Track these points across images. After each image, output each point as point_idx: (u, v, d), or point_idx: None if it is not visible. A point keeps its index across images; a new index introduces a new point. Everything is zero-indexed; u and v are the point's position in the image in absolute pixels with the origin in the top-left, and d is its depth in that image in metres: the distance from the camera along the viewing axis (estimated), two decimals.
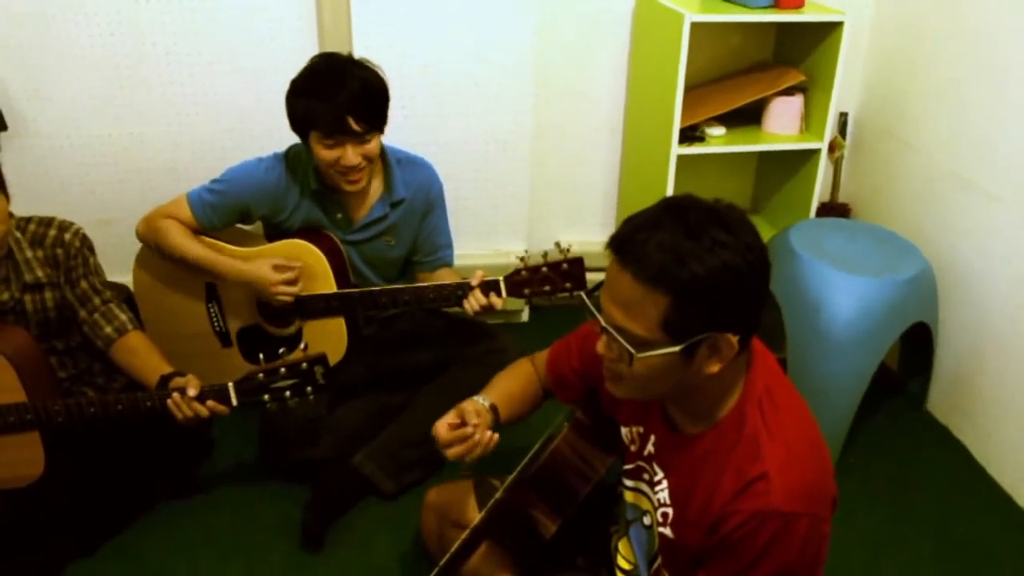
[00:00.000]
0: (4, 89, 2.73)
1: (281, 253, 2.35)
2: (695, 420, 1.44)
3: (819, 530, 1.34)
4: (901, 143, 2.90)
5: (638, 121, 3.06)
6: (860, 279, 2.42)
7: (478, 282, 2.26)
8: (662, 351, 1.27)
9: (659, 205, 1.30)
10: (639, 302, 1.25)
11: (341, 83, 2.14)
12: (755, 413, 1.37)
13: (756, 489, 1.31)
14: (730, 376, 1.38)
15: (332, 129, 2.17)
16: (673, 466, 1.50)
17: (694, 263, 1.21)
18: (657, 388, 1.37)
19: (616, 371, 1.37)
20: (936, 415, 2.80)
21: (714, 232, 1.23)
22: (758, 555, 1.32)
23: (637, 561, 1.65)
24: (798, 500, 1.31)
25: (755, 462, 1.33)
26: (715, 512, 1.36)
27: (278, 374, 2.00)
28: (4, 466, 2.10)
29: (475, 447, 1.69)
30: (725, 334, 1.27)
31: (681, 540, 1.47)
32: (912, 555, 2.26)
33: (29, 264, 2.12)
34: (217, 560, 2.22)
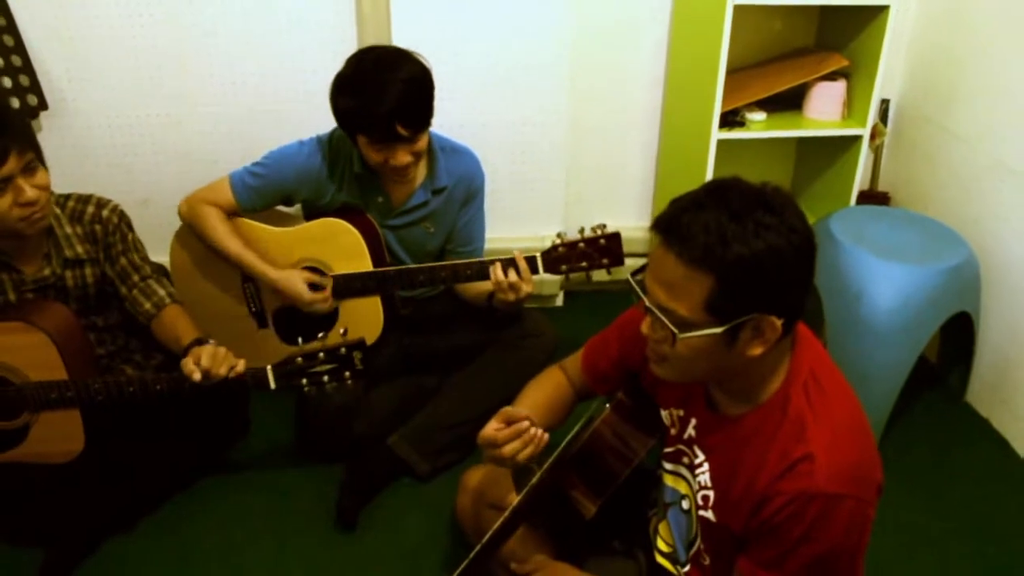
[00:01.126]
0: (45, 69, 2.75)
1: (317, 232, 2.36)
2: (738, 402, 1.44)
3: (863, 513, 1.33)
4: (944, 131, 2.85)
5: (677, 105, 3.03)
6: (902, 267, 2.38)
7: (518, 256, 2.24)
8: (705, 332, 1.27)
9: (704, 187, 1.30)
10: (683, 283, 1.26)
11: (384, 85, 2.11)
12: (800, 395, 1.36)
13: (800, 470, 1.30)
14: (774, 359, 1.37)
15: (381, 136, 2.15)
16: (715, 448, 1.49)
17: (738, 245, 1.21)
18: (700, 370, 1.36)
19: (660, 352, 1.37)
20: (976, 407, 2.76)
21: (759, 215, 1.23)
22: (801, 537, 1.31)
23: (676, 545, 1.64)
24: (843, 482, 1.30)
25: (799, 443, 1.32)
26: (758, 493, 1.35)
27: (316, 358, 2.00)
28: (45, 441, 2.12)
29: (531, 441, 1.64)
30: (769, 317, 1.26)
31: (723, 523, 1.46)
32: (950, 549, 2.23)
33: (69, 240, 2.14)
34: (252, 538, 2.24)
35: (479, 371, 2.46)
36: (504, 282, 2.23)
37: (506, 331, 2.50)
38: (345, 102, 2.17)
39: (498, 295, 2.27)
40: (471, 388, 2.43)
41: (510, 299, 2.24)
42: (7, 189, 1.92)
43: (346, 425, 2.38)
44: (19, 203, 1.94)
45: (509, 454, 1.63)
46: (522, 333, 2.48)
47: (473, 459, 2.43)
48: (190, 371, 2.00)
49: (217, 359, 2.02)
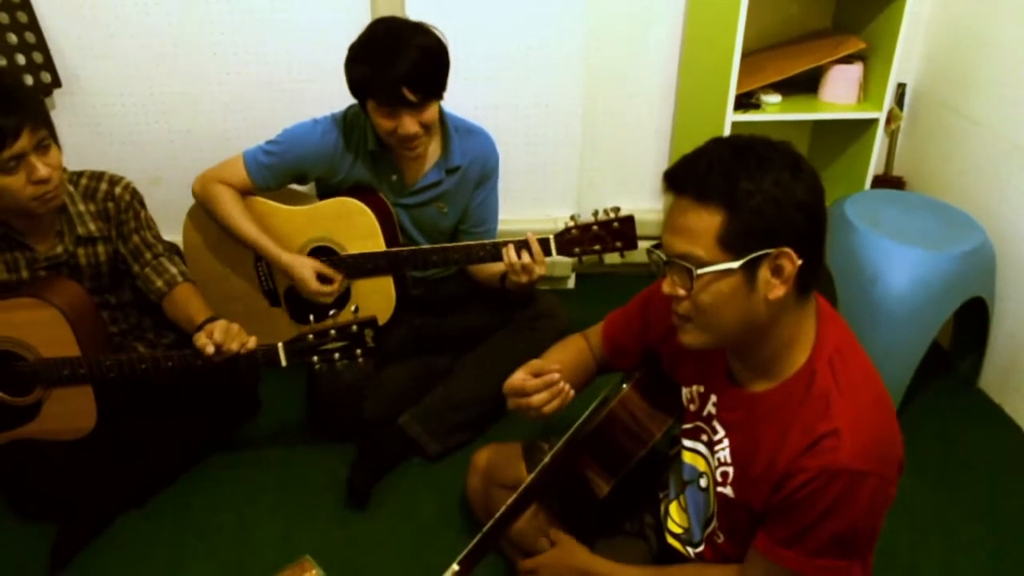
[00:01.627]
0: (58, 47, 2.75)
1: (331, 211, 2.36)
2: (761, 377, 1.44)
3: (885, 492, 1.33)
4: (961, 115, 2.82)
5: (692, 87, 3.01)
6: (917, 251, 2.37)
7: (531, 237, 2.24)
8: (722, 266, 1.29)
9: (706, 142, 1.35)
10: (696, 223, 1.29)
11: (398, 52, 2.11)
12: (825, 371, 1.36)
13: (825, 446, 1.30)
14: (797, 326, 1.38)
15: (388, 99, 2.15)
16: (736, 424, 1.49)
17: (744, 178, 1.26)
18: (727, 322, 1.35)
19: (683, 313, 1.38)
20: (989, 393, 2.74)
21: (761, 150, 1.29)
22: (823, 513, 1.31)
23: (690, 524, 1.63)
24: (867, 459, 1.30)
25: (824, 419, 1.32)
26: (781, 469, 1.35)
27: (328, 336, 2.01)
28: (57, 418, 2.13)
29: (559, 395, 1.65)
30: (785, 250, 1.27)
31: (743, 500, 1.46)
32: (960, 533, 2.22)
33: (82, 218, 2.14)
34: (263, 516, 2.24)
35: (490, 352, 2.46)
36: (517, 264, 2.22)
37: (518, 312, 2.49)
38: (358, 68, 2.17)
39: (511, 277, 2.26)
40: (482, 369, 2.43)
41: (523, 281, 2.24)
42: (20, 167, 1.93)
43: (357, 403, 2.39)
44: (32, 181, 1.95)
45: (536, 404, 1.64)
46: (534, 315, 2.48)
47: (483, 439, 2.43)
48: (203, 345, 2.00)
49: (230, 334, 2.02)
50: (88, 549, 2.13)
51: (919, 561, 2.12)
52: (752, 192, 1.25)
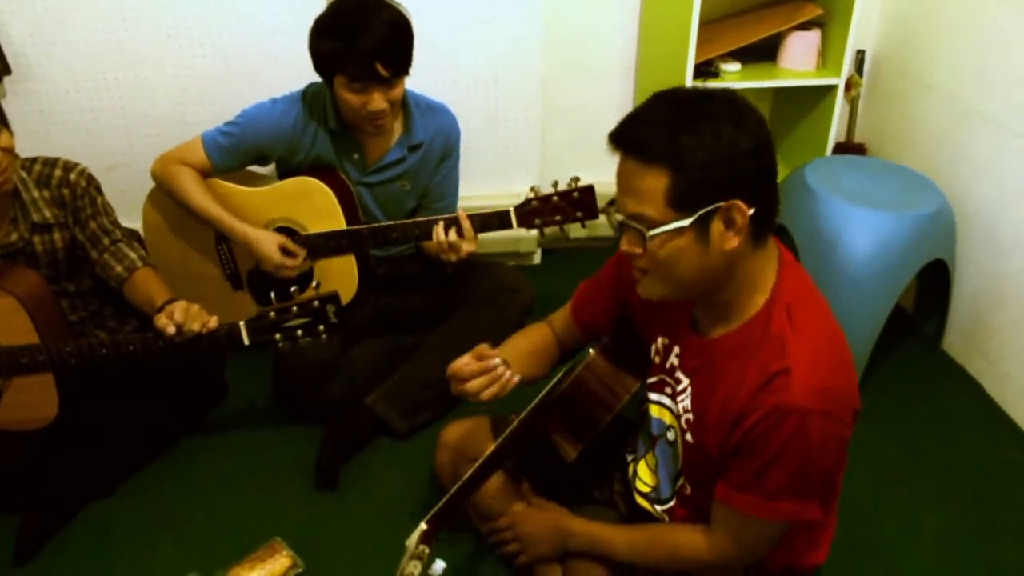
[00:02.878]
0: (6, 32, 2.70)
1: (290, 191, 2.34)
2: (721, 322, 1.45)
3: (838, 433, 1.35)
4: (920, 82, 2.84)
5: (651, 57, 3.01)
6: (878, 214, 2.38)
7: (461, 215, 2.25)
8: (673, 226, 1.29)
9: (649, 98, 1.34)
10: (643, 184, 1.29)
11: (367, 26, 2.09)
12: (782, 315, 1.37)
13: (776, 384, 1.32)
14: (755, 271, 1.39)
15: (360, 74, 2.13)
16: (697, 370, 1.50)
17: (684, 135, 1.25)
18: (683, 276, 1.36)
19: (642, 268, 1.39)
20: (952, 354, 2.78)
21: (702, 105, 1.28)
22: (777, 452, 1.33)
23: (658, 482, 1.65)
24: (818, 398, 1.31)
25: (778, 359, 1.33)
26: (736, 409, 1.37)
27: (289, 313, 1.99)
28: (19, 408, 2.10)
29: (497, 380, 1.65)
30: (735, 202, 1.28)
31: (701, 444, 1.48)
32: (923, 490, 2.25)
33: (36, 204, 2.11)
34: (232, 500, 2.23)
35: (456, 328, 2.45)
36: (444, 242, 2.24)
37: (483, 289, 2.49)
38: (326, 43, 2.14)
39: (440, 255, 2.27)
40: (448, 346, 2.41)
41: (451, 259, 2.26)
42: None
43: (322, 382, 2.37)
44: None
45: (472, 391, 1.64)
46: (499, 289, 2.48)
47: (451, 416, 2.43)
48: (163, 325, 1.98)
49: (190, 314, 2.00)
50: (55, 538, 2.11)
51: (882, 517, 2.16)
52: (694, 148, 1.25)
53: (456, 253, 2.24)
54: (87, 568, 2.05)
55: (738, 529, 1.46)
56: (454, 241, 2.22)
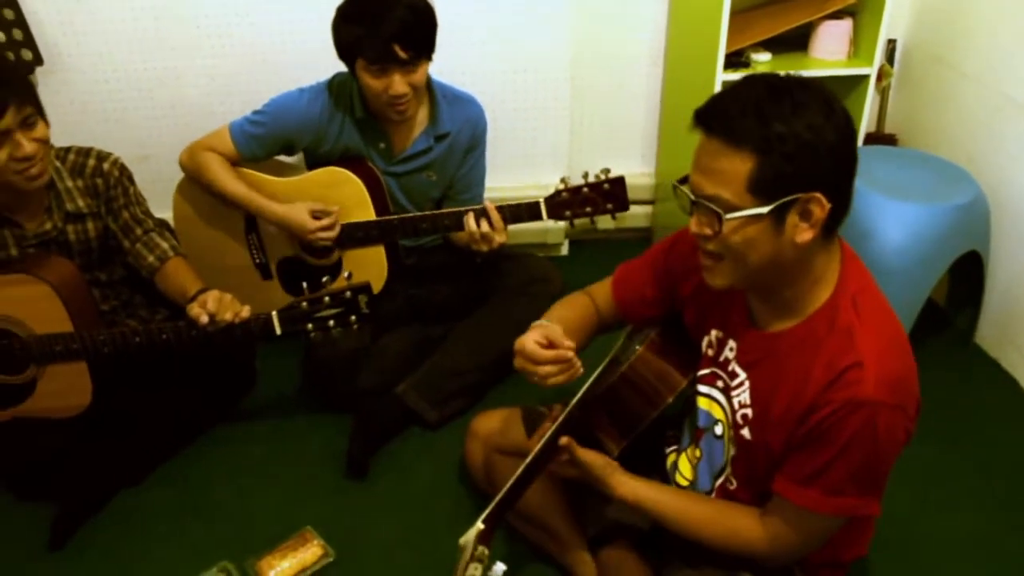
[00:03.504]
0: (39, 22, 2.71)
1: (320, 181, 2.34)
2: (783, 316, 1.44)
3: (905, 427, 1.35)
4: (952, 69, 2.81)
5: (681, 47, 2.98)
6: (912, 206, 2.36)
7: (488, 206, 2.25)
8: (751, 212, 1.28)
9: (740, 80, 1.32)
10: (726, 166, 1.27)
11: (387, 9, 2.09)
12: (848, 307, 1.36)
13: (849, 378, 1.31)
14: (822, 265, 1.38)
15: (378, 57, 2.13)
16: (756, 365, 1.49)
17: (777, 122, 1.23)
18: (753, 264, 1.34)
19: (712, 252, 1.37)
20: (985, 348, 2.74)
21: (796, 93, 1.25)
22: (844, 446, 1.33)
23: (697, 477, 1.63)
24: (890, 391, 1.31)
25: (848, 352, 1.32)
26: (804, 405, 1.36)
27: (322, 303, 1.99)
28: (52, 396, 2.12)
29: (567, 371, 1.60)
30: (815, 194, 1.26)
31: (762, 441, 1.47)
32: (958, 485, 2.23)
33: (70, 194, 2.12)
34: (262, 488, 2.24)
35: (485, 318, 2.45)
36: (476, 232, 2.23)
37: (513, 279, 2.49)
38: (348, 28, 2.15)
39: (472, 246, 2.27)
40: (478, 336, 2.43)
41: (483, 250, 2.25)
42: (4, 143, 1.90)
43: (353, 371, 2.38)
44: (15, 158, 1.92)
45: (543, 375, 1.60)
46: (529, 280, 2.47)
47: (481, 406, 2.43)
48: (196, 315, 1.99)
49: (223, 303, 2.01)
50: (87, 526, 2.12)
51: (917, 514, 2.13)
52: (785, 137, 1.23)
53: (488, 244, 2.24)
54: (120, 555, 2.06)
55: (797, 523, 1.44)
56: (486, 232, 2.22)
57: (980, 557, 2.03)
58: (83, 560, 2.05)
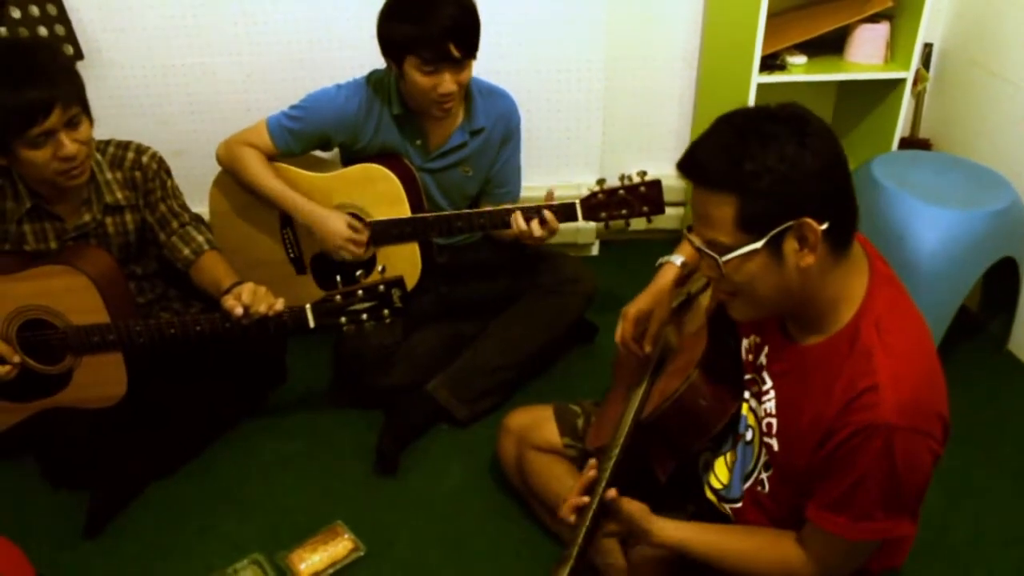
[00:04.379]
0: (79, 19, 2.74)
1: (355, 177, 2.35)
2: (811, 332, 1.44)
3: (929, 448, 1.33)
4: (990, 74, 2.78)
5: (716, 49, 2.98)
6: (947, 211, 2.34)
7: (549, 199, 2.25)
8: (745, 250, 1.31)
9: (711, 126, 1.35)
10: (713, 211, 1.31)
11: (438, 8, 2.10)
12: (870, 330, 1.35)
13: (865, 401, 1.30)
14: (841, 283, 1.38)
15: (433, 56, 2.14)
16: (782, 374, 1.49)
17: (748, 161, 1.26)
18: (765, 295, 1.36)
19: (725, 289, 1.40)
20: (1018, 355, 2.71)
21: (763, 127, 1.28)
22: (864, 472, 1.32)
23: (731, 481, 1.63)
24: (905, 415, 1.29)
25: (866, 375, 1.32)
26: (825, 425, 1.36)
27: (356, 296, 2.00)
28: (88, 386, 2.14)
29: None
30: (806, 220, 1.27)
31: (787, 454, 1.47)
32: (990, 494, 2.21)
33: (109, 186, 2.15)
34: (293, 482, 2.25)
35: (517, 316, 2.46)
36: (527, 231, 2.25)
37: (544, 278, 2.49)
38: (397, 27, 2.16)
39: (525, 240, 2.29)
40: (510, 333, 2.43)
41: (531, 243, 2.30)
42: (48, 143, 1.93)
43: (384, 367, 2.39)
44: (58, 157, 1.95)
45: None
46: (561, 280, 2.47)
47: (512, 404, 2.43)
48: (231, 307, 2.01)
49: (258, 296, 2.03)
50: (121, 515, 2.15)
51: (950, 521, 2.11)
52: (759, 173, 1.25)
53: (539, 241, 2.27)
54: (153, 544, 2.08)
55: (836, 548, 1.44)
56: (540, 234, 2.25)
57: (1014, 565, 2.01)
58: (117, 548, 2.07)
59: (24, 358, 2.10)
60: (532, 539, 2.05)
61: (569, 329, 2.54)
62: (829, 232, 1.29)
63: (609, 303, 2.82)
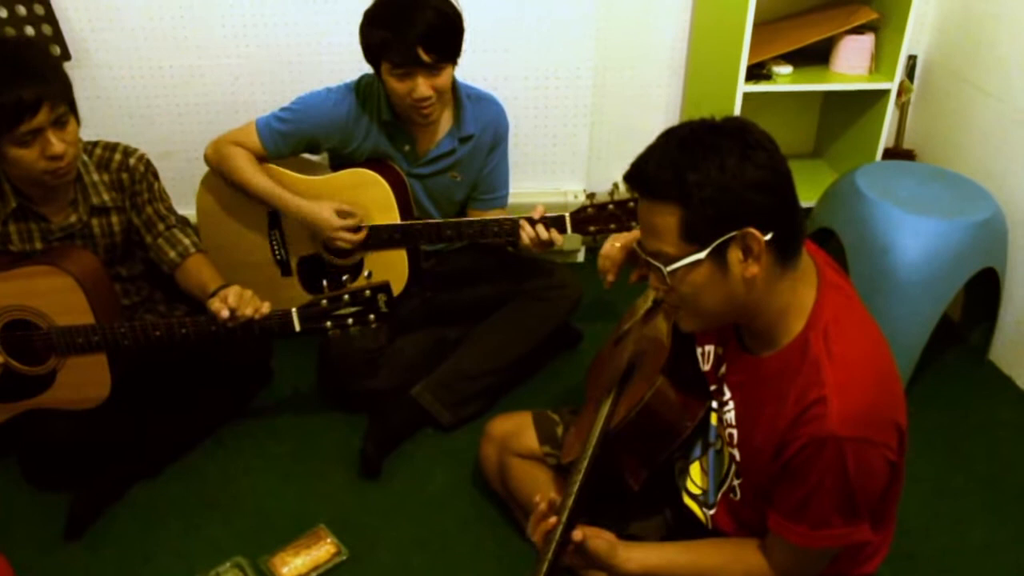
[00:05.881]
0: (67, 18, 2.74)
1: (346, 182, 2.35)
2: (762, 343, 1.46)
3: (881, 456, 1.35)
4: (973, 87, 2.81)
5: (703, 57, 3.00)
6: (929, 221, 2.36)
7: (540, 216, 2.24)
8: (690, 260, 1.33)
9: (657, 139, 1.38)
10: (657, 221, 1.34)
11: (414, 13, 2.11)
12: (818, 340, 1.37)
13: (813, 413, 1.33)
14: (788, 295, 1.40)
15: (402, 60, 2.14)
16: (739, 386, 1.52)
17: (689, 171, 1.28)
18: (712, 306, 1.39)
19: (672, 301, 1.43)
20: (999, 365, 2.74)
21: (706, 139, 1.31)
22: (817, 482, 1.34)
23: (709, 486, 1.64)
24: (854, 425, 1.31)
25: (814, 387, 1.34)
26: (778, 437, 1.38)
27: (341, 301, 2.01)
28: (72, 387, 2.13)
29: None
30: (749, 230, 1.30)
31: (749, 464, 1.49)
32: (970, 503, 2.23)
33: (96, 187, 2.14)
34: (277, 485, 2.25)
35: (503, 322, 2.46)
36: (535, 237, 2.25)
37: (529, 284, 2.49)
38: (374, 32, 2.16)
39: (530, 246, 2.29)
40: (495, 339, 2.44)
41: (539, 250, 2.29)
42: (35, 141, 1.92)
43: (369, 371, 2.39)
44: (46, 156, 1.94)
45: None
46: (546, 286, 2.48)
47: (496, 410, 2.44)
48: (217, 309, 2.01)
49: (244, 299, 2.03)
50: (103, 518, 2.14)
51: (931, 530, 2.13)
52: (701, 183, 1.28)
53: (548, 247, 2.28)
54: (135, 546, 2.08)
55: (796, 555, 1.46)
56: (554, 237, 2.25)
57: (990, 573, 2.03)
58: (98, 551, 2.06)
59: (7, 358, 2.09)
60: (513, 544, 2.06)
61: (554, 335, 2.54)
62: (774, 242, 1.31)
63: (594, 310, 2.84)
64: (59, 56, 2.71)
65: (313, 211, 2.33)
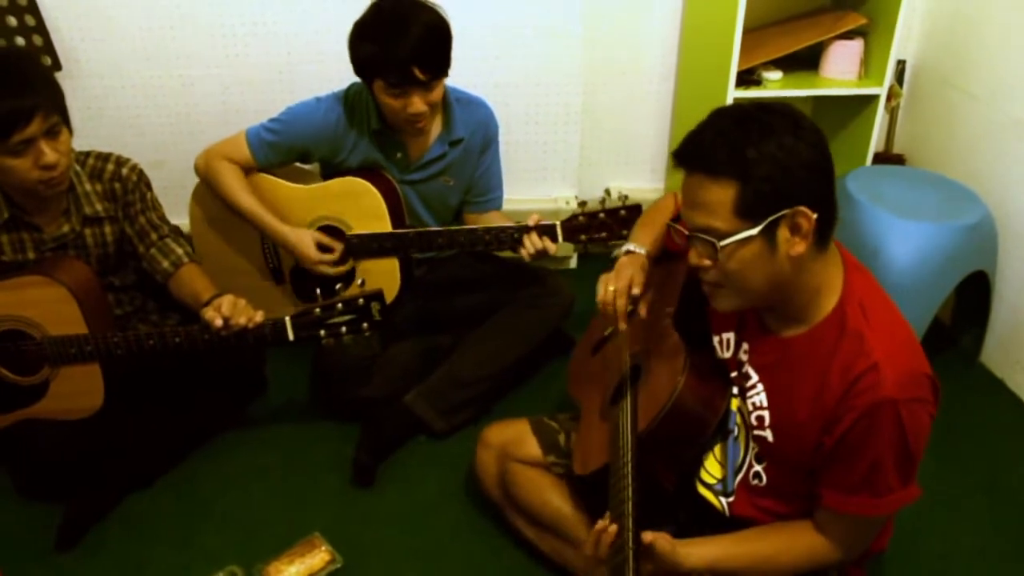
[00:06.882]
0: (57, 28, 2.74)
1: (337, 191, 2.36)
2: (791, 323, 1.48)
3: (928, 412, 1.40)
4: (961, 91, 2.83)
5: (693, 64, 3.01)
6: (920, 225, 2.38)
7: (534, 224, 2.25)
8: (743, 235, 1.34)
9: (708, 116, 1.40)
10: (711, 197, 1.35)
11: (405, 30, 2.11)
12: (856, 312, 1.41)
13: (867, 383, 1.36)
14: (822, 274, 1.43)
15: (398, 80, 2.14)
16: (769, 368, 1.53)
17: (749, 148, 1.31)
18: (755, 284, 1.41)
19: (713, 279, 1.43)
20: (991, 368, 2.75)
21: (761, 116, 1.33)
22: (881, 450, 1.37)
23: (725, 474, 1.64)
24: (906, 387, 1.36)
25: (861, 357, 1.37)
26: (827, 413, 1.41)
27: (335, 310, 2.01)
28: (65, 397, 2.13)
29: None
30: (800, 208, 1.32)
31: (784, 444, 1.50)
32: (963, 506, 2.23)
33: (89, 197, 2.14)
34: (271, 494, 2.25)
35: (495, 329, 2.46)
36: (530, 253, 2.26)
37: (521, 291, 2.49)
38: (364, 47, 2.16)
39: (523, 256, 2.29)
40: (487, 346, 2.44)
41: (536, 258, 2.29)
42: (28, 151, 1.92)
43: (362, 379, 2.39)
44: (39, 166, 1.94)
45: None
46: (539, 293, 2.48)
47: (489, 417, 2.44)
48: (211, 318, 2.01)
49: (237, 308, 2.03)
50: (95, 528, 2.13)
51: (922, 533, 2.14)
52: (759, 160, 1.30)
53: (544, 255, 2.28)
54: (128, 557, 2.07)
55: (855, 528, 1.50)
56: (548, 246, 2.25)
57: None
58: (91, 562, 2.06)
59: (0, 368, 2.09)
60: (508, 552, 2.06)
61: (546, 341, 2.54)
62: (817, 222, 1.34)
63: (586, 316, 2.83)
64: (50, 66, 2.72)
65: (292, 242, 2.35)
